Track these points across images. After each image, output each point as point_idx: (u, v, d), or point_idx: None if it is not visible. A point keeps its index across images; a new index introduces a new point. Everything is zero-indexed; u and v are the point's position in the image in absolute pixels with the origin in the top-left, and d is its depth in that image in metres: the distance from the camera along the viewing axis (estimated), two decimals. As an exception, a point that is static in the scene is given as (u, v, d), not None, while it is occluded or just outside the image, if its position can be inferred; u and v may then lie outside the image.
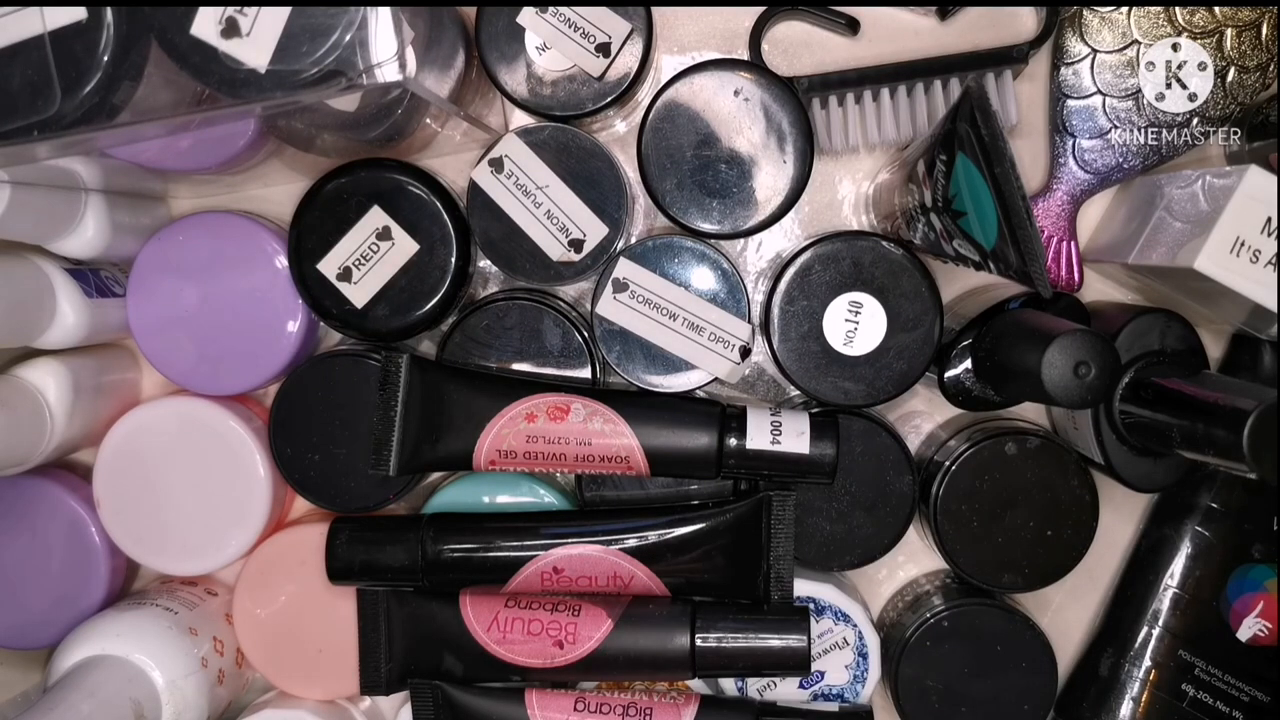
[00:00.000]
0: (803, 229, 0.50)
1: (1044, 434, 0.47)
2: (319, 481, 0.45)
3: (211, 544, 0.47)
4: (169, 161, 0.44)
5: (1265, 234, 0.39)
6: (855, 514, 0.45)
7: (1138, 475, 0.45)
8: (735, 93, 0.43)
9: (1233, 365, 0.48)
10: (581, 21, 0.42)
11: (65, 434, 0.44)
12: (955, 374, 0.45)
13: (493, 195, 0.44)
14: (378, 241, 0.43)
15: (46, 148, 0.35)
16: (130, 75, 0.34)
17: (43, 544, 0.47)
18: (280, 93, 0.33)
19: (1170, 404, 0.42)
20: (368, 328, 0.44)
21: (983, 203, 0.36)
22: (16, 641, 0.47)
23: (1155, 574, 0.47)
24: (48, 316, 0.43)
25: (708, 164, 0.43)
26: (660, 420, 0.43)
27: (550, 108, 0.43)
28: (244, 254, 0.45)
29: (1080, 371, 0.37)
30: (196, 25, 0.32)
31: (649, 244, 0.44)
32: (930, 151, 0.39)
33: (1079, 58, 0.46)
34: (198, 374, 0.46)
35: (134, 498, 0.46)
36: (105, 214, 0.43)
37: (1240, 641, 0.46)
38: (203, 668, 0.45)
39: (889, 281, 0.43)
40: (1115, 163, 0.47)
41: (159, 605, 0.46)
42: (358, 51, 0.32)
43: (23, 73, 0.33)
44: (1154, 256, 0.42)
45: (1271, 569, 0.46)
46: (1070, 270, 0.48)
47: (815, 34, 0.48)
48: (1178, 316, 0.45)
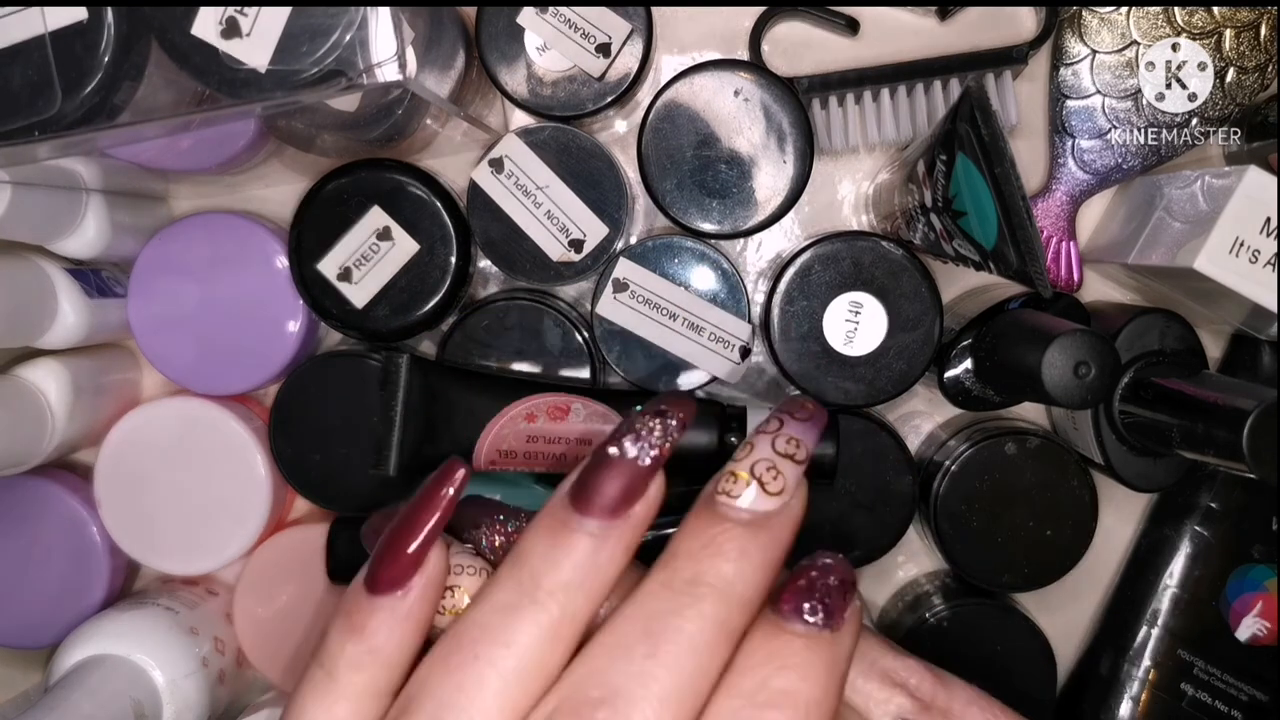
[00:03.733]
0: (803, 229, 0.50)
1: (1044, 434, 0.47)
2: (319, 481, 0.45)
3: (211, 544, 0.47)
4: (169, 162, 0.44)
5: (1265, 234, 0.39)
6: (855, 514, 0.45)
7: (1138, 475, 0.45)
8: (735, 93, 0.43)
9: (1232, 365, 0.48)
10: (581, 21, 0.42)
11: (66, 434, 0.44)
12: (955, 374, 0.45)
13: (493, 195, 0.44)
14: (378, 241, 0.43)
15: (47, 148, 0.35)
16: (131, 75, 0.34)
17: (43, 544, 0.47)
18: (280, 93, 0.33)
19: (1170, 404, 0.42)
20: (368, 328, 0.44)
21: (983, 203, 0.36)
22: (17, 641, 0.47)
23: (1155, 574, 0.47)
24: (48, 316, 0.43)
25: (708, 164, 0.43)
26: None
27: (550, 108, 0.44)
28: (244, 254, 0.45)
29: (1080, 371, 0.37)
30: (197, 25, 0.33)
31: (649, 244, 0.44)
32: (930, 151, 0.39)
33: (1078, 58, 0.46)
34: (198, 374, 0.46)
35: (134, 498, 0.46)
36: (106, 214, 0.43)
37: (1239, 641, 0.46)
38: (203, 667, 0.45)
39: (889, 281, 0.43)
40: (1115, 163, 0.47)
41: (159, 605, 0.46)
42: (358, 51, 0.32)
43: (23, 73, 0.33)
44: (1154, 256, 0.42)
45: (1271, 569, 0.46)
46: (1070, 270, 0.48)
47: (815, 34, 0.48)
48: (1178, 316, 0.45)
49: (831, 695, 0.21)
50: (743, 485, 0.23)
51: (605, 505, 0.22)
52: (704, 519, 0.23)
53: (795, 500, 0.23)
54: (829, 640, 0.21)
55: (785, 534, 0.23)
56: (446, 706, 0.21)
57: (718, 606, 0.21)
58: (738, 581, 0.22)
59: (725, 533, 0.22)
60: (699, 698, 0.21)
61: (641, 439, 0.23)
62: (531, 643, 0.21)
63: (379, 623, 0.23)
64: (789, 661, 0.21)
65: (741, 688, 0.21)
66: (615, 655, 0.21)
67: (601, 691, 0.20)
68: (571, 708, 0.21)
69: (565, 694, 0.21)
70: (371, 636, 0.23)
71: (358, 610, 0.23)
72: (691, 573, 0.22)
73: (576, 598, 0.22)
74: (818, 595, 0.22)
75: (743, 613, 0.22)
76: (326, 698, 0.23)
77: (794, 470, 0.23)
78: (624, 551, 0.23)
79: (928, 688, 0.25)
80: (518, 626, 0.22)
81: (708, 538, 0.22)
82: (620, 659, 0.21)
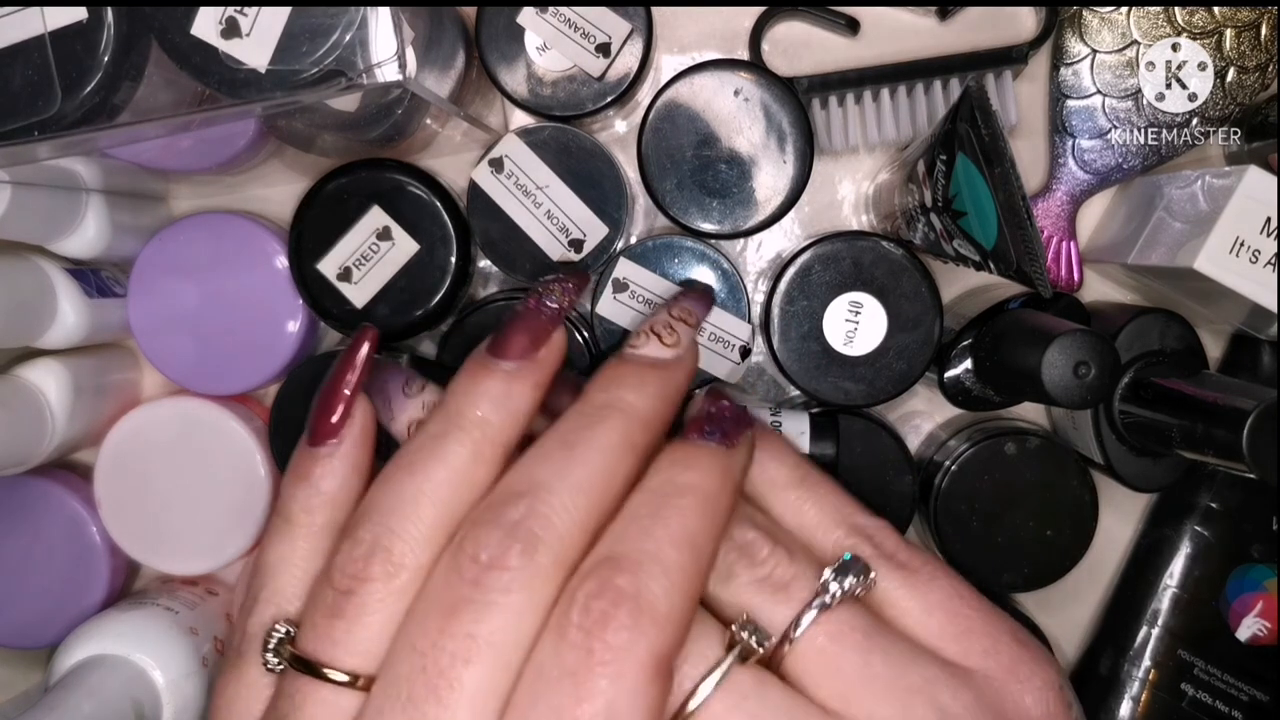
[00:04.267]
0: (803, 229, 0.50)
1: (1044, 434, 0.47)
2: (319, 481, 0.45)
3: (211, 544, 0.47)
4: (169, 162, 0.44)
5: (1265, 234, 0.39)
6: (855, 514, 0.45)
7: (1137, 475, 0.45)
8: (735, 93, 0.43)
9: (1232, 365, 0.48)
10: (581, 21, 0.42)
11: (66, 434, 0.44)
12: (955, 374, 0.45)
13: (493, 195, 0.44)
14: (378, 241, 0.43)
15: (47, 148, 0.35)
16: (131, 75, 0.34)
17: (43, 544, 0.47)
18: (280, 93, 0.33)
19: (1170, 404, 0.42)
20: (368, 328, 0.44)
21: (983, 203, 0.36)
22: (17, 641, 0.47)
23: (1155, 574, 0.47)
24: (48, 316, 0.43)
25: (708, 164, 0.43)
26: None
27: (550, 108, 0.44)
28: (244, 254, 0.45)
29: (1080, 371, 0.37)
30: (197, 25, 0.33)
31: (649, 244, 0.44)
32: (930, 151, 0.39)
33: (1079, 58, 0.46)
34: (198, 374, 0.46)
35: (134, 498, 0.46)
36: (106, 214, 0.43)
37: (1240, 641, 0.46)
38: (203, 667, 0.45)
39: (889, 281, 0.43)
40: (1115, 163, 0.47)
41: (159, 605, 0.46)
42: (358, 51, 0.32)
43: (23, 73, 0.33)
44: (1154, 256, 0.42)
45: (1271, 569, 0.46)
46: (1070, 270, 0.48)
47: (815, 34, 0.48)
48: (1178, 316, 0.45)
49: (728, 494, 0.25)
50: (644, 338, 0.28)
51: (516, 348, 0.27)
52: (612, 364, 0.28)
53: (688, 355, 0.28)
54: (725, 453, 0.26)
55: (680, 376, 0.28)
56: (389, 512, 0.25)
57: (622, 421, 0.26)
58: (638, 403, 0.26)
59: (627, 367, 0.27)
60: (611, 493, 0.25)
61: (544, 296, 0.28)
62: (457, 460, 0.25)
63: (321, 469, 0.28)
64: (691, 464, 0.25)
65: (650, 485, 0.25)
66: (536, 460, 0.25)
67: (525, 485, 0.24)
68: (500, 500, 0.24)
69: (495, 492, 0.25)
70: (317, 481, 0.28)
71: (302, 462, 0.28)
72: (599, 400, 0.26)
73: (494, 423, 0.26)
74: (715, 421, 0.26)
75: (644, 431, 0.26)
76: (287, 539, 0.27)
77: (687, 331, 0.29)
78: (534, 387, 0.27)
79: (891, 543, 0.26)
80: (446, 447, 0.25)
81: (614, 375, 0.27)
82: (540, 461, 0.25)
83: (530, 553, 0.23)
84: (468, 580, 0.23)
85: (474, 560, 0.23)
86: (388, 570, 0.24)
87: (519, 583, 0.22)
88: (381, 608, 0.24)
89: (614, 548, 0.23)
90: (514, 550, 0.23)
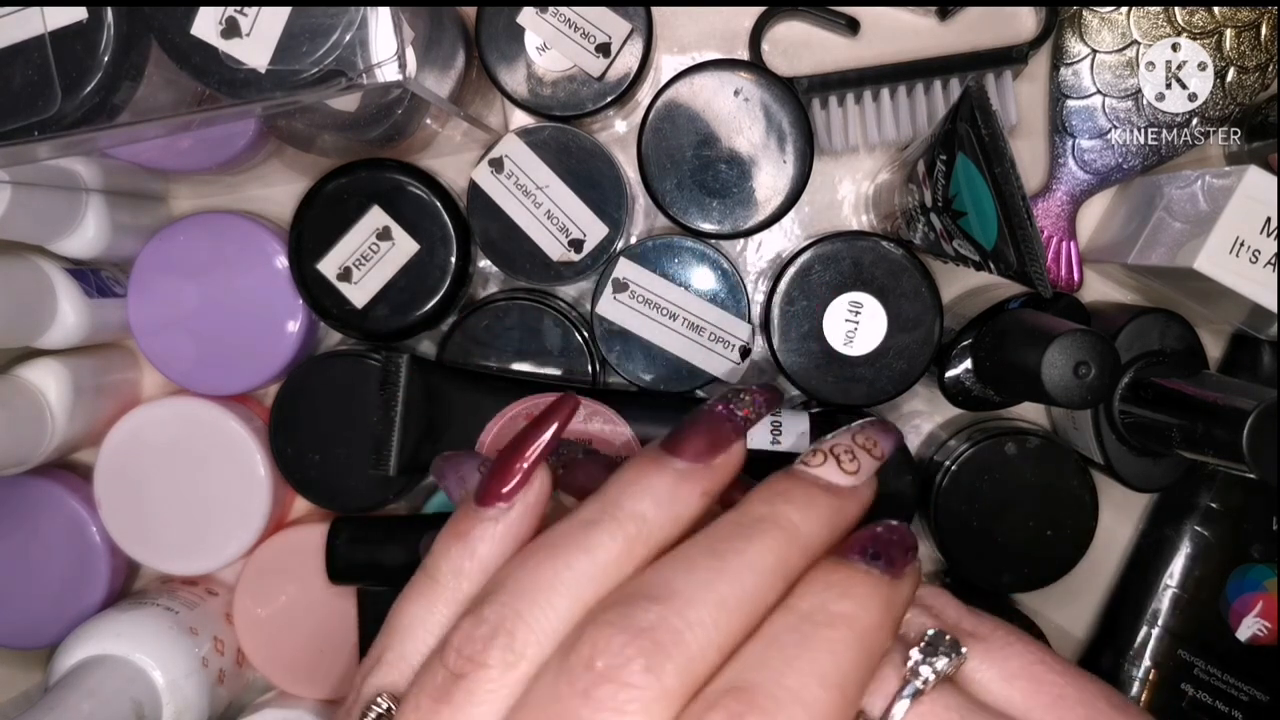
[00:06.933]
0: (803, 229, 0.50)
1: (1044, 434, 0.47)
2: (319, 481, 0.45)
3: (211, 544, 0.47)
4: (169, 162, 0.44)
5: (1265, 234, 0.39)
6: (855, 514, 0.45)
7: (1137, 475, 0.45)
8: (735, 93, 0.43)
9: (1232, 365, 0.48)
10: (581, 21, 0.42)
11: (66, 434, 0.44)
12: (955, 374, 0.45)
13: (493, 195, 0.44)
14: (378, 241, 0.43)
15: (47, 148, 0.35)
16: (130, 75, 0.34)
17: (43, 544, 0.47)
18: (280, 93, 0.33)
19: (1170, 404, 0.42)
20: (368, 328, 0.44)
21: (983, 203, 0.36)
22: (16, 641, 0.47)
23: (1155, 574, 0.47)
24: (48, 316, 0.43)
25: (708, 164, 0.43)
26: (660, 420, 0.43)
27: (550, 108, 0.44)
28: (244, 254, 0.45)
29: (1080, 371, 0.37)
30: (197, 25, 0.33)
31: (649, 244, 0.44)
32: (930, 151, 0.39)
33: (1079, 58, 0.46)
34: (198, 374, 0.46)
35: (134, 498, 0.46)
36: (106, 214, 0.43)
37: (1240, 641, 0.46)
38: (203, 667, 0.45)
39: (889, 281, 0.43)
40: (1115, 163, 0.47)
41: (159, 605, 0.46)
42: (358, 51, 0.32)
43: (23, 73, 0.33)
44: (1154, 256, 0.42)
45: (1271, 569, 0.46)
46: (1070, 270, 0.48)
47: (815, 34, 0.48)
48: (1178, 316, 0.45)
49: (885, 633, 0.22)
50: (820, 458, 0.25)
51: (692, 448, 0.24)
52: (779, 476, 0.24)
53: (865, 487, 0.25)
54: (888, 583, 0.22)
55: (853, 509, 0.24)
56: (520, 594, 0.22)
57: (782, 540, 0.22)
58: (801, 525, 0.23)
59: (797, 484, 0.24)
60: (754, 613, 0.22)
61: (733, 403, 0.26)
62: (605, 553, 0.23)
63: (482, 532, 0.25)
64: (849, 591, 0.22)
65: (799, 607, 0.22)
66: (677, 565, 0.22)
67: (660, 590, 0.21)
68: (628, 598, 0.21)
69: (627, 590, 0.22)
70: (475, 544, 0.25)
71: (464, 520, 0.25)
72: (759, 513, 0.23)
73: (653, 521, 0.23)
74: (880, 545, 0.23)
75: (802, 556, 0.23)
76: (426, 600, 0.25)
77: (869, 461, 0.25)
78: (702, 494, 0.24)
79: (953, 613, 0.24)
80: (595, 537, 0.23)
81: (781, 489, 0.24)
82: (682, 567, 0.22)
83: (656, 670, 0.20)
84: (578, 690, 0.20)
85: (588, 666, 0.20)
86: (507, 660, 0.22)
87: (638, 704, 0.20)
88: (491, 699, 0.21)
89: (749, 676, 0.20)
90: (636, 664, 0.20)
